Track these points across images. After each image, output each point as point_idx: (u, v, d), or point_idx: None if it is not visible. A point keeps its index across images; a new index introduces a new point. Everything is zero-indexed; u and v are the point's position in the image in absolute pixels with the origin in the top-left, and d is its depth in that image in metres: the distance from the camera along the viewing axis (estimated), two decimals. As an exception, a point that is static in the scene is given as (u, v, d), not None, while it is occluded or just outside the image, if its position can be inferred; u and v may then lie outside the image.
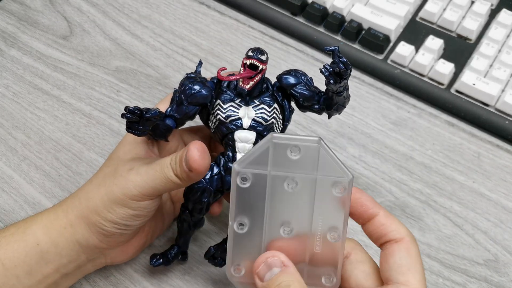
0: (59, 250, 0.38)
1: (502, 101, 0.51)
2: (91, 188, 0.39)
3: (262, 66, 0.39)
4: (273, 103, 0.40)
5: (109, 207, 0.37)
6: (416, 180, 0.49)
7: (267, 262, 0.32)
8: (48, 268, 0.38)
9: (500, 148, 0.51)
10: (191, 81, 0.40)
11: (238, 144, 0.40)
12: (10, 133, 0.53)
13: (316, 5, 0.58)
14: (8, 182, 0.50)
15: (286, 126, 0.42)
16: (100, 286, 0.45)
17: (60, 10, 0.62)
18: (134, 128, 0.38)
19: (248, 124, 0.40)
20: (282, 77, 0.41)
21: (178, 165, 0.36)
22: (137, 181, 0.37)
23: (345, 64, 0.37)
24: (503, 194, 0.48)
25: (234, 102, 0.40)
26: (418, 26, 0.57)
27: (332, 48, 0.38)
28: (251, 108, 0.40)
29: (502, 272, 0.45)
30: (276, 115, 0.41)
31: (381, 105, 0.54)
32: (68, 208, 0.39)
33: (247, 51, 0.39)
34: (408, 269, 0.32)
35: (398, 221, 0.34)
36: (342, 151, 0.51)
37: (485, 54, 0.53)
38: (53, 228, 0.38)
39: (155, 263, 0.43)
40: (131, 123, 0.38)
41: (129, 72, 0.57)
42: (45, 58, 0.58)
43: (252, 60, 0.39)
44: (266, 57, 0.39)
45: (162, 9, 0.62)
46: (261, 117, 0.40)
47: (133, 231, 0.40)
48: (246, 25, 0.60)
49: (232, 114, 0.40)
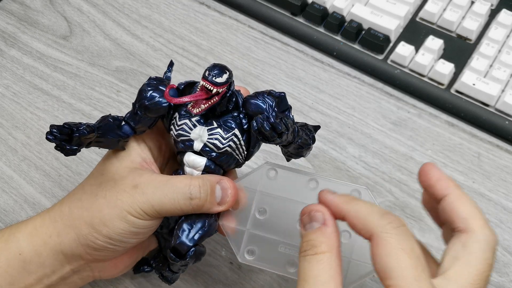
0: (42, 260, 0.36)
1: (502, 101, 0.51)
2: (86, 197, 0.36)
3: (217, 89, 0.33)
4: (234, 127, 0.35)
5: (108, 221, 0.35)
6: (416, 180, 0.49)
7: (310, 214, 0.31)
8: (30, 279, 0.36)
9: (500, 148, 0.51)
10: (149, 89, 0.35)
11: (186, 169, 0.36)
12: (10, 133, 0.53)
13: (316, 5, 0.58)
14: (8, 182, 0.50)
15: (253, 152, 0.38)
16: (100, 286, 0.45)
17: (60, 10, 0.62)
18: (62, 147, 0.34)
19: (199, 148, 0.35)
20: (248, 102, 0.35)
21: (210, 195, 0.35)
22: (143, 201, 0.35)
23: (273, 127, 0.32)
24: (503, 194, 0.48)
25: (190, 119, 0.35)
26: (418, 26, 0.57)
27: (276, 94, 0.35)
28: (206, 130, 0.35)
29: (502, 272, 0.45)
30: (234, 142, 0.35)
31: (381, 105, 0.54)
32: (57, 216, 0.37)
33: (205, 69, 0.33)
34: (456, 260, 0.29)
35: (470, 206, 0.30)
36: (342, 151, 0.51)
37: (485, 54, 0.53)
38: (37, 236, 0.36)
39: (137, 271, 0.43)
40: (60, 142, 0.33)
41: (129, 72, 0.57)
42: (45, 58, 0.58)
43: (205, 82, 0.33)
44: (225, 79, 0.33)
45: (162, 9, 0.62)
46: (213, 143, 0.35)
47: (125, 249, 0.37)
48: (246, 25, 0.60)
49: (183, 134, 0.35)
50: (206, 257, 0.46)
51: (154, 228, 0.37)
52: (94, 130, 0.34)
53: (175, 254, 0.35)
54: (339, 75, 0.56)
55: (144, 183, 0.35)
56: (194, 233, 0.35)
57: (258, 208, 0.37)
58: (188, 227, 0.35)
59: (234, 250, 0.36)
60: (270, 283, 0.44)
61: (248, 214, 0.37)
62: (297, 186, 0.36)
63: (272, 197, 0.37)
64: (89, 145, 0.35)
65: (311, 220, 0.31)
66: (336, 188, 0.33)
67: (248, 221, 0.37)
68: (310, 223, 0.30)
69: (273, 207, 0.37)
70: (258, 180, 0.37)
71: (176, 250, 0.35)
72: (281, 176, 0.37)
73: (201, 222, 0.36)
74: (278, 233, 0.36)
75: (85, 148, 0.36)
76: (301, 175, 0.37)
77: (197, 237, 0.35)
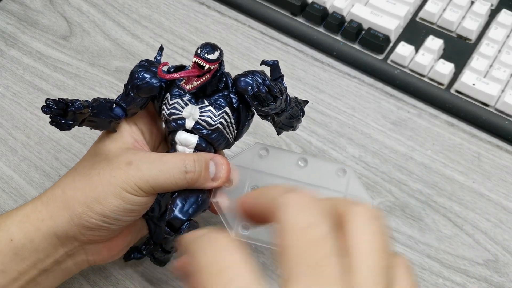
0: (35, 245, 0.36)
1: (502, 101, 0.51)
2: (79, 178, 0.37)
3: (209, 66, 0.34)
4: (225, 105, 0.37)
5: (103, 199, 0.35)
6: (416, 180, 0.49)
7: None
8: (23, 265, 0.36)
9: (500, 148, 0.51)
10: (140, 70, 0.37)
11: (178, 147, 0.37)
12: (10, 133, 0.53)
13: (316, 5, 0.58)
14: (8, 182, 0.50)
15: (242, 131, 0.39)
16: (100, 286, 0.45)
17: (60, 10, 0.62)
18: (57, 122, 0.34)
19: (191, 126, 0.36)
20: (237, 80, 0.36)
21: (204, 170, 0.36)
22: (138, 177, 0.35)
23: (269, 89, 0.34)
24: (503, 194, 0.48)
25: (181, 99, 0.37)
26: (418, 26, 0.57)
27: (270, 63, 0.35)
28: (197, 108, 0.36)
29: (502, 273, 0.45)
30: (225, 119, 0.37)
31: (381, 105, 0.54)
32: (49, 200, 0.37)
33: (197, 48, 0.35)
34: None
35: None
36: (342, 151, 0.51)
37: (485, 54, 0.53)
38: (29, 222, 0.36)
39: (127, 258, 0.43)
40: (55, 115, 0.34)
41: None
42: (45, 58, 0.58)
43: (198, 59, 0.34)
44: (217, 56, 0.34)
45: (162, 9, 0.62)
46: (205, 120, 0.36)
47: (119, 228, 0.38)
48: (246, 25, 0.60)
49: (175, 112, 0.37)
50: (206, 257, 0.46)
51: (148, 205, 0.37)
52: (89, 106, 0.35)
53: (170, 228, 0.36)
54: (339, 75, 0.56)
55: (138, 159, 0.36)
56: (188, 207, 0.36)
57: (250, 186, 0.38)
58: (181, 201, 0.36)
59: (227, 226, 0.37)
60: (269, 283, 0.44)
61: (241, 192, 0.38)
62: (287, 164, 0.38)
63: (264, 175, 0.38)
64: (82, 124, 0.36)
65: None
66: (322, 166, 0.38)
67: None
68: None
69: (265, 184, 0.38)
70: (251, 159, 0.39)
71: (171, 224, 0.36)
72: (272, 155, 0.39)
73: (194, 197, 0.37)
74: None
75: (78, 126, 0.36)
76: (291, 154, 0.39)
77: (191, 211, 0.36)
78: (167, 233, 0.36)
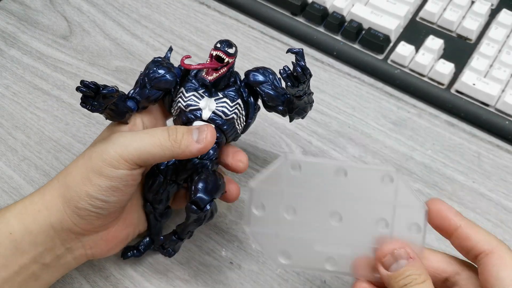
0: (33, 237, 0.37)
1: (502, 101, 0.51)
2: (71, 165, 0.38)
3: (228, 59, 0.38)
4: (237, 98, 0.40)
5: (86, 179, 0.36)
6: (416, 180, 0.49)
7: (393, 253, 0.33)
8: (24, 259, 0.37)
9: (500, 148, 0.51)
10: (156, 65, 0.40)
11: None
12: (10, 133, 0.53)
13: (316, 5, 0.58)
14: (8, 182, 0.50)
15: (250, 123, 0.42)
16: (100, 286, 0.45)
17: (60, 10, 0.62)
18: (88, 103, 0.36)
19: (207, 116, 0.39)
20: (250, 74, 0.40)
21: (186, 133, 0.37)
22: (119, 142, 0.36)
23: (303, 69, 0.36)
24: (503, 194, 0.48)
25: (197, 92, 0.39)
26: (418, 26, 0.57)
27: (296, 50, 0.37)
28: (213, 100, 0.39)
29: (502, 272, 0.45)
30: (238, 111, 0.40)
31: (381, 105, 0.54)
32: (46, 191, 0.38)
33: (216, 42, 0.38)
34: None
35: (484, 231, 0.32)
36: (342, 151, 0.51)
37: (485, 54, 0.53)
38: (27, 214, 0.37)
39: (125, 256, 0.43)
40: (86, 97, 0.36)
41: (129, 72, 0.57)
42: (45, 58, 0.58)
43: (219, 52, 0.38)
44: (234, 51, 0.38)
45: (162, 9, 0.62)
46: (222, 110, 0.39)
47: (109, 213, 0.38)
48: (246, 25, 0.60)
49: (192, 104, 0.39)
50: (206, 257, 0.46)
51: (132, 183, 0.37)
52: (118, 91, 0.37)
53: (196, 206, 0.38)
54: (339, 75, 0.56)
55: (119, 134, 0.37)
56: (210, 188, 0.39)
57: (286, 208, 0.35)
58: (204, 183, 0.39)
59: (267, 256, 0.36)
60: (270, 283, 0.44)
61: (276, 217, 0.35)
62: (325, 178, 0.34)
63: (298, 194, 0.34)
64: (104, 110, 0.37)
65: (396, 258, 0.33)
66: (364, 174, 0.34)
67: (277, 224, 0.35)
68: (397, 262, 0.33)
69: (302, 204, 0.35)
70: (281, 177, 0.34)
71: (197, 203, 0.38)
72: (306, 169, 0.34)
73: (213, 181, 0.39)
74: (311, 231, 0.35)
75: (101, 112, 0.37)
76: (326, 164, 0.34)
77: (214, 192, 0.39)
78: (193, 211, 0.38)
